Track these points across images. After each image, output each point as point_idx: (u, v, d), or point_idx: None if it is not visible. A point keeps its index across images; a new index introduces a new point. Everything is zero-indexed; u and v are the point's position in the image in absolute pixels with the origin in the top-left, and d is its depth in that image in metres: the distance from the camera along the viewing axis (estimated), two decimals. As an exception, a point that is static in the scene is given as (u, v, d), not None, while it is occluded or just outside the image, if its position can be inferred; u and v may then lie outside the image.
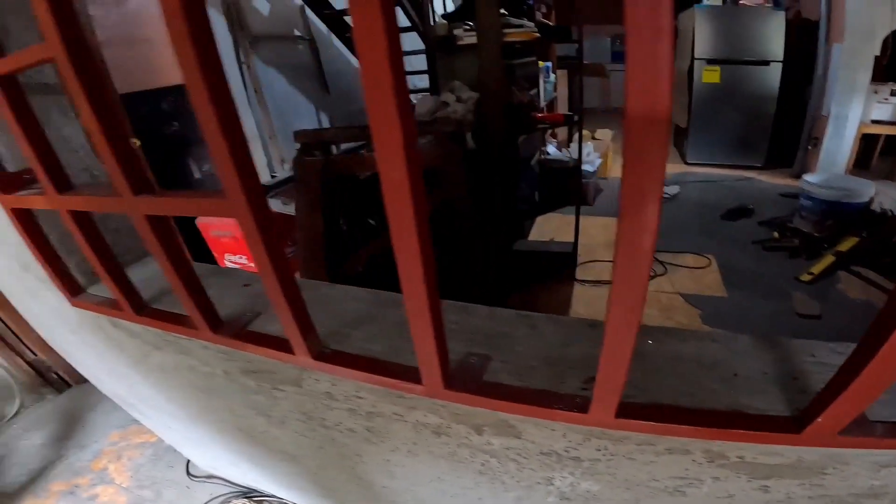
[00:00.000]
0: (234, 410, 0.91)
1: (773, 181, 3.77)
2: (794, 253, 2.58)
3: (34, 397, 2.02)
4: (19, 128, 0.57)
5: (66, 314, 0.95)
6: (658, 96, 0.25)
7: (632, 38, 0.24)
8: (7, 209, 0.73)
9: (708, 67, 4.06)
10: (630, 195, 0.29)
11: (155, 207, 0.48)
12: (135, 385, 1.11)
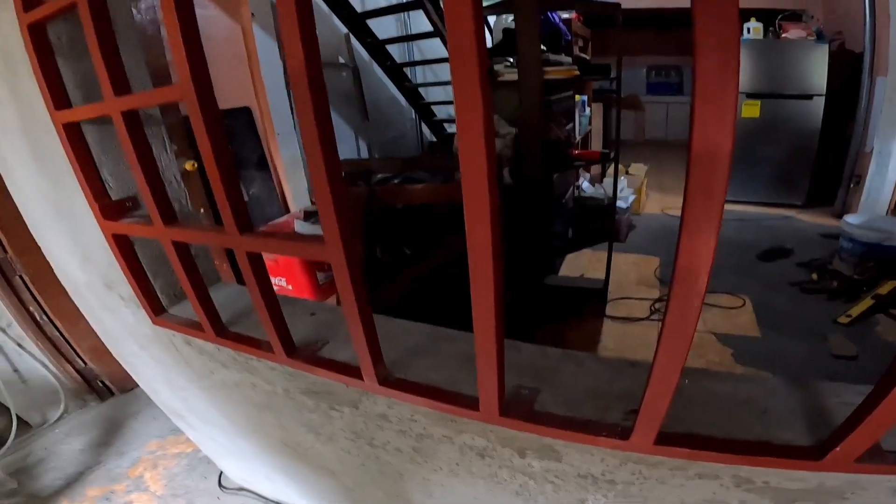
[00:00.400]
0: (284, 426, 0.99)
1: (813, 220, 3.73)
2: (832, 295, 2.57)
3: (78, 403, 2.15)
4: (137, 161, 0.68)
5: (139, 330, 1.06)
6: (722, 136, 0.31)
7: (700, 88, 0.31)
8: (107, 234, 0.85)
9: (748, 101, 4.06)
10: (690, 230, 0.36)
11: (259, 246, 0.58)
12: (190, 398, 1.21)
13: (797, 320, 2.35)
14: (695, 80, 0.33)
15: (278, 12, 0.45)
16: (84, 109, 0.78)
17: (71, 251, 1.08)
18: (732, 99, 0.32)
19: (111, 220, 0.82)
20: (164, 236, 0.71)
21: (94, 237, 0.96)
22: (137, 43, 0.92)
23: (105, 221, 0.82)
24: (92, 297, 1.14)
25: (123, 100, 0.65)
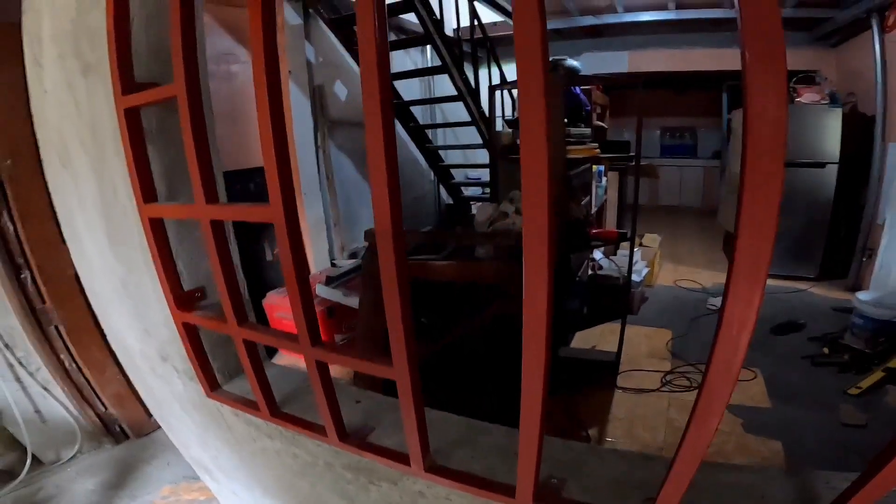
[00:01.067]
0: (318, 493, 1.08)
1: (826, 294, 3.81)
2: (843, 368, 2.65)
3: (93, 444, 2.23)
4: (220, 266, 0.82)
5: (186, 397, 1.18)
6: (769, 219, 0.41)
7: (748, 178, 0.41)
8: (178, 322, 0.98)
9: None
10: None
11: (329, 358, 0.72)
12: (222, 458, 1.30)
13: (808, 391, 2.44)
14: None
15: (361, 64, 0.57)
16: (173, 209, 0.93)
17: (130, 324, 1.21)
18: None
19: (184, 311, 0.95)
20: (238, 335, 0.84)
21: (158, 317, 1.09)
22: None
23: (178, 311, 0.95)
24: (144, 364, 1.26)
25: (215, 209, 0.80)
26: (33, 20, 1.18)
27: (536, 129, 0.49)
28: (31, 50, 1.22)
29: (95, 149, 1.08)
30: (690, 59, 5.39)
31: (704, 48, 5.27)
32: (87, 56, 1.05)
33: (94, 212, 1.15)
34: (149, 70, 0.97)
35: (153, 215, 0.92)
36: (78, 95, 1.08)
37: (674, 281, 4.17)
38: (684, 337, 3.09)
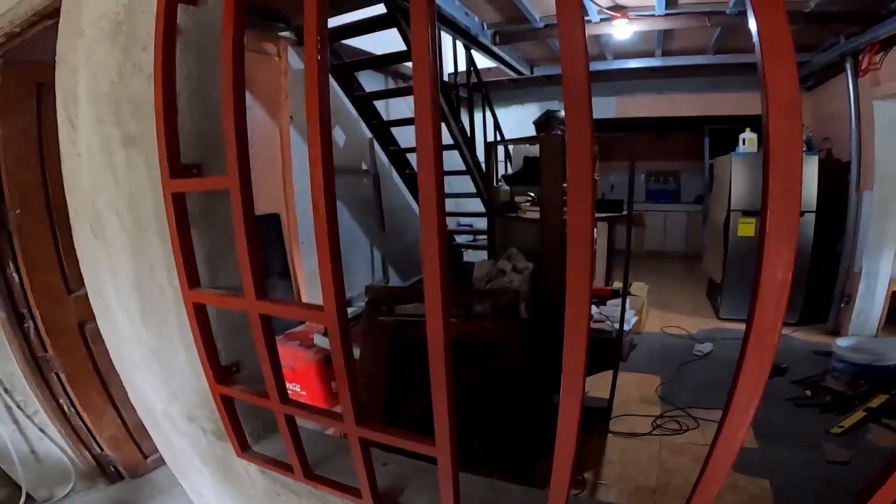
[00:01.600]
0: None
1: (807, 338, 3.99)
2: (825, 409, 2.82)
3: (87, 483, 2.25)
4: (267, 354, 0.92)
5: (210, 452, 1.25)
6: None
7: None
8: (216, 394, 1.06)
9: (744, 219, 4.27)
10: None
11: (374, 436, 0.81)
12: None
13: (792, 432, 2.59)
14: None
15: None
16: (221, 299, 1.02)
17: (156, 387, 1.29)
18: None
19: (222, 385, 1.05)
20: (280, 410, 0.93)
21: (190, 385, 1.18)
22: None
23: (217, 385, 1.05)
24: (165, 422, 1.33)
25: (266, 305, 0.90)
26: (68, 76, 1.26)
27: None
28: (65, 109, 1.29)
29: (133, 224, 1.17)
30: (675, 104, 5.71)
31: (688, 93, 5.58)
32: (128, 126, 1.15)
33: (127, 284, 1.23)
34: (192, 149, 1.07)
35: (198, 301, 1.01)
36: (116, 166, 1.17)
37: (661, 328, 4.32)
38: (673, 382, 3.22)
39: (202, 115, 1.11)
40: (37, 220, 2.14)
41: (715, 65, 4.88)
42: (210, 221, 1.11)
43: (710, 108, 5.63)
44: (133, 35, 1.12)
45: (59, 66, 1.31)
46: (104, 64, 1.18)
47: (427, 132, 0.68)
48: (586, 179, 0.61)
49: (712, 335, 4.13)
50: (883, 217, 3.79)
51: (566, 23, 0.59)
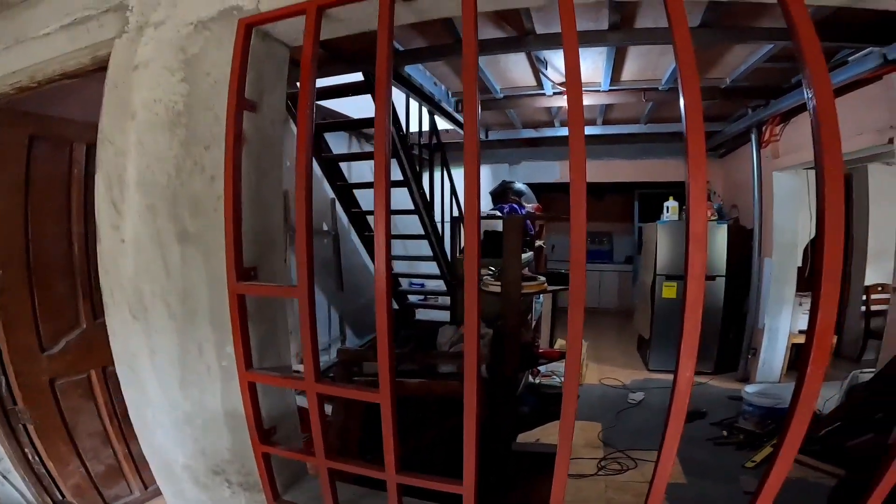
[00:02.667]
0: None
1: (722, 385, 4.63)
2: (739, 446, 3.36)
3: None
4: (319, 427, 1.18)
5: (230, 502, 1.43)
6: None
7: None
8: (258, 452, 1.29)
9: (667, 283, 4.97)
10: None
11: (409, 480, 1.09)
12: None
13: (714, 467, 3.08)
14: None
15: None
16: (277, 380, 1.27)
17: (184, 445, 1.46)
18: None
19: (264, 445, 1.28)
20: (324, 465, 1.18)
21: (224, 444, 1.39)
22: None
23: (259, 444, 1.28)
24: (185, 474, 1.50)
25: (323, 387, 1.17)
26: (115, 158, 1.39)
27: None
28: (108, 191, 1.41)
29: (183, 313, 1.36)
30: (610, 169, 6.40)
31: (622, 159, 6.29)
32: (185, 223, 1.32)
33: (167, 360, 1.41)
34: (249, 250, 1.28)
35: (252, 380, 1.26)
36: (170, 260, 1.36)
37: (599, 379, 4.85)
38: (612, 428, 3.68)
39: (258, 218, 1.33)
40: (18, 282, 2.20)
41: (646, 133, 5.59)
42: (263, 316, 1.35)
43: (641, 174, 6.39)
44: (193, 131, 1.31)
45: (104, 143, 1.43)
46: (160, 154, 1.34)
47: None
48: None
49: (643, 385, 4.69)
50: (781, 281, 4.50)
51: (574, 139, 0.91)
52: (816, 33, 0.84)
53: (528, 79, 4.03)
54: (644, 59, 3.53)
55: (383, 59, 1.09)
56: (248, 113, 1.27)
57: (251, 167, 1.30)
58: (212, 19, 1.32)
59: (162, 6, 1.39)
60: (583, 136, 0.92)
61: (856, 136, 3.18)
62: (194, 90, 1.33)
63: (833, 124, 0.83)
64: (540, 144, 6.29)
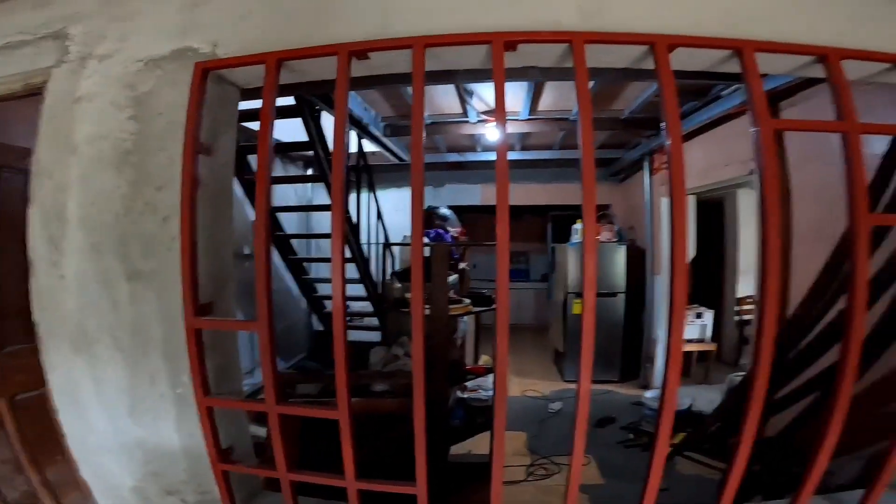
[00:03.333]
0: None
1: (626, 392, 5.13)
2: (645, 448, 3.74)
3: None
4: (282, 450, 1.26)
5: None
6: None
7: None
8: (217, 471, 1.34)
9: (577, 300, 5.41)
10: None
11: (367, 486, 1.21)
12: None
13: (626, 468, 3.42)
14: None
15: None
16: (238, 403, 1.34)
17: (133, 469, 1.46)
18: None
19: (223, 464, 1.34)
20: (286, 478, 1.28)
21: (180, 466, 1.43)
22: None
23: (219, 464, 1.34)
24: (134, 497, 1.50)
25: (284, 407, 1.27)
26: (54, 193, 1.36)
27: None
28: (45, 227, 1.38)
29: (133, 347, 1.38)
30: (527, 192, 6.81)
31: (537, 183, 6.74)
32: (136, 262, 1.34)
33: (114, 390, 1.42)
34: (205, 289, 1.34)
35: (211, 405, 1.32)
36: (117, 296, 1.38)
37: (521, 392, 5.17)
38: (537, 436, 3.97)
39: (212, 258, 1.39)
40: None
41: (558, 159, 6.09)
42: (219, 347, 1.42)
43: (554, 198, 6.88)
44: (144, 171, 1.34)
45: (40, 176, 1.39)
46: (106, 193, 1.34)
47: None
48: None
49: (560, 395, 5.06)
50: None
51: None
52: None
53: (454, 107, 4.30)
54: (558, 91, 3.95)
55: (341, 109, 1.24)
56: (202, 156, 1.33)
57: (206, 208, 1.35)
58: (164, 58, 1.37)
59: (108, 39, 1.42)
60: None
61: (724, 167, 3.77)
62: (145, 129, 1.37)
63: (679, 166, 1.21)
64: (464, 168, 6.61)
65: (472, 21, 1.23)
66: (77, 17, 1.45)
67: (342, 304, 1.27)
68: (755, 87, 1.19)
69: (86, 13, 1.44)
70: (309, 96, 3.21)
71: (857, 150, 1.15)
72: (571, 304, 5.49)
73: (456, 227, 4.61)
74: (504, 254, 1.16)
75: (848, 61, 1.20)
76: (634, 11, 1.23)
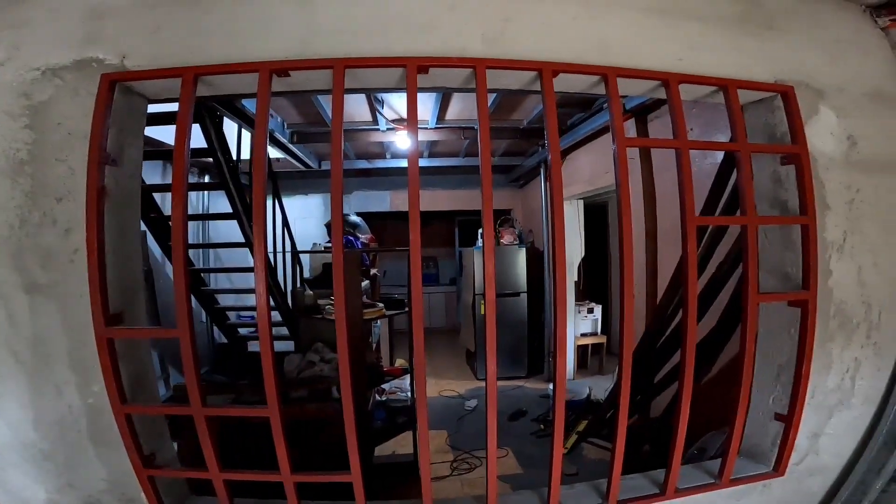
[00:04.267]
0: None
1: (534, 386, 5.53)
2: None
3: None
4: (212, 453, 1.31)
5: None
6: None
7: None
8: (142, 476, 1.35)
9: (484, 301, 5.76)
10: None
11: (304, 478, 1.30)
12: None
13: (539, 457, 3.68)
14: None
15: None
16: (164, 409, 1.37)
17: (43, 480, 1.43)
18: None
19: (148, 469, 1.37)
20: (219, 478, 1.32)
21: (98, 475, 1.41)
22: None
23: (143, 469, 1.36)
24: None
25: (210, 410, 1.31)
26: None
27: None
28: None
29: (35, 360, 1.36)
30: (435, 198, 7.07)
31: (444, 189, 7.02)
32: (35, 275, 1.32)
33: (16, 404, 1.38)
34: (114, 299, 1.34)
35: (130, 412, 1.34)
36: (14, 309, 1.35)
37: (438, 392, 5.38)
38: (456, 433, 4.20)
39: (120, 269, 1.39)
40: None
41: (464, 166, 6.39)
42: (133, 359, 1.42)
43: (460, 203, 7.20)
44: (41, 182, 1.32)
45: None
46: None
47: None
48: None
49: (475, 393, 5.32)
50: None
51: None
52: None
53: (365, 115, 4.40)
54: (464, 102, 4.22)
55: (262, 123, 1.33)
56: (108, 166, 1.33)
57: (112, 220, 1.36)
58: (64, 68, 1.36)
59: (1, 46, 1.37)
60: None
61: (605, 174, 4.26)
62: (42, 139, 1.35)
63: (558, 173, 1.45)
64: (373, 175, 6.69)
65: (389, 46, 1.38)
66: (-41, 22, 1.38)
67: (266, 305, 1.34)
68: (615, 108, 1.46)
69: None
70: (210, 103, 3.13)
71: (687, 162, 1.46)
72: (480, 306, 5.78)
73: (366, 234, 4.69)
74: (416, 255, 1.31)
75: (684, 85, 1.51)
76: (527, 41, 1.45)
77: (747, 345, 1.48)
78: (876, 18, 1.75)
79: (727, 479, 1.60)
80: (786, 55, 1.62)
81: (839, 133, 1.64)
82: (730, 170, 2.34)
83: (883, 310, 1.66)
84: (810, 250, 1.51)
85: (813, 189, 1.54)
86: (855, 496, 1.71)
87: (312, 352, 2.99)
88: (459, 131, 4.92)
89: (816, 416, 1.65)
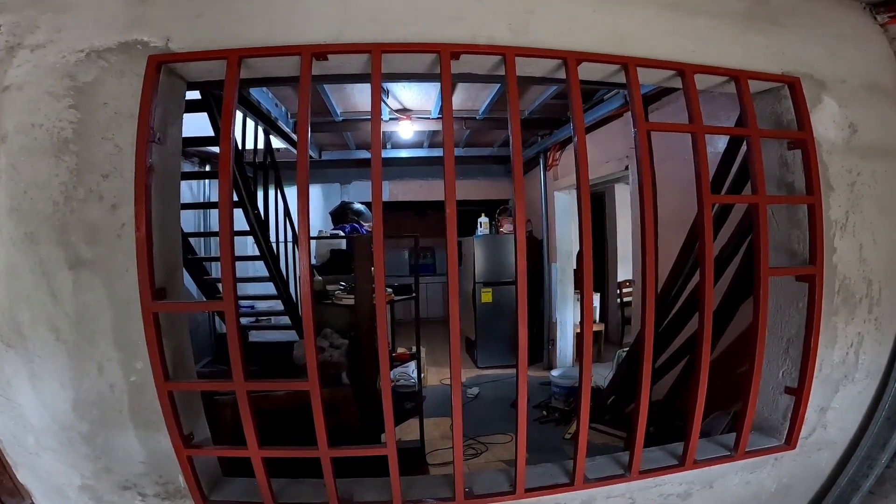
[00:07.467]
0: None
1: (534, 374, 5.58)
2: (557, 422, 4.22)
3: None
4: (252, 429, 1.37)
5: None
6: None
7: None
8: (182, 458, 1.41)
9: (484, 289, 5.83)
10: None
11: (340, 452, 1.37)
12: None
13: (543, 442, 3.82)
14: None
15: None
16: (204, 385, 1.43)
17: (81, 466, 1.46)
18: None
19: (189, 448, 1.42)
20: (257, 455, 1.38)
21: (137, 457, 1.46)
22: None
23: (183, 449, 1.41)
24: (81, 496, 1.50)
25: (252, 384, 1.38)
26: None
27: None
28: None
29: (77, 336, 1.39)
30: (433, 188, 7.05)
31: (442, 179, 6.97)
32: (79, 250, 1.36)
33: (56, 383, 1.41)
34: (159, 274, 1.39)
35: (172, 389, 1.39)
36: (57, 286, 1.38)
37: (439, 380, 5.44)
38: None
39: (164, 244, 1.44)
40: None
41: (463, 156, 6.41)
42: (173, 334, 1.47)
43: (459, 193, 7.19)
44: (88, 160, 1.36)
45: None
46: (42, 181, 1.34)
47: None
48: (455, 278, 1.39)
49: (476, 381, 5.42)
50: (564, 282, 5.66)
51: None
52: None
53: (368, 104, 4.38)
54: (467, 92, 4.22)
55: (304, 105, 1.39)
56: (154, 145, 1.38)
57: (157, 196, 1.41)
58: (109, 50, 1.41)
59: (42, 30, 1.42)
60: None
61: (604, 164, 4.35)
62: (88, 119, 1.39)
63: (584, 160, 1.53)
64: (371, 165, 6.60)
65: (421, 33, 1.45)
66: (2, 7, 1.42)
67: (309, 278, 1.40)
68: (636, 95, 1.55)
69: (13, 5, 1.42)
70: (219, 91, 3.15)
71: (703, 145, 1.56)
72: (480, 294, 5.86)
73: (369, 222, 4.74)
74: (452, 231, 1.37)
75: (699, 75, 1.61)
76: (550, 31, 1.53)
77: (760, 315, 1.57)
78: (875, 15, 1.86)
79: (742, 451, 1.69)
80: (790, 49, 1.72)
81: (841, 121, 1.75)
82: (731, 158, 2.44)
83: (882, 286, 1.77)
84: (817, 227, 1.62)
85: (818, 171, 1.64)
86: (861, 471, 1.81)
87: (322, 338, 3.04)
88: (461, 121, 4.96)
89: (823, 389, 1.76)
